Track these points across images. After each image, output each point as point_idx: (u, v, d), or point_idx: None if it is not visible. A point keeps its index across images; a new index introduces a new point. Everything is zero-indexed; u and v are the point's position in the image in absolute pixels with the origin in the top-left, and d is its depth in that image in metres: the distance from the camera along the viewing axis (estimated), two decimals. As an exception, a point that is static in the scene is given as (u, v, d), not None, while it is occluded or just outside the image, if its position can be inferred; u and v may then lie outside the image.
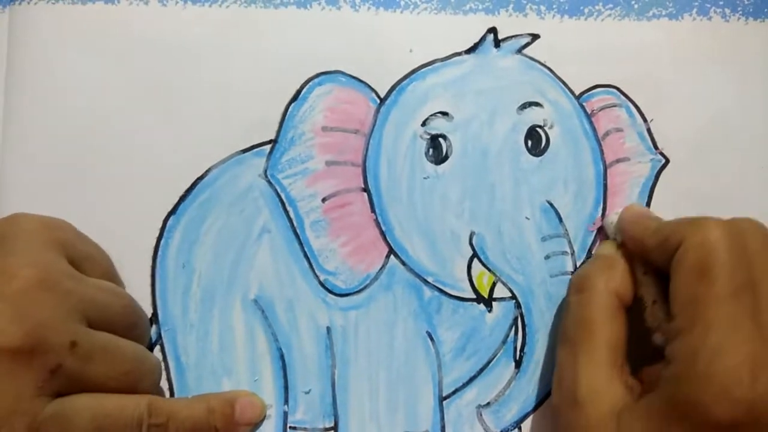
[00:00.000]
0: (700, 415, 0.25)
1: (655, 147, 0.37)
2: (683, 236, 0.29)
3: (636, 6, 0.37)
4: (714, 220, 0.29)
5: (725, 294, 0.27)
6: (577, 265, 0.35)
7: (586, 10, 0.37)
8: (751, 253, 0.27)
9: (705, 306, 0.27)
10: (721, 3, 0.37)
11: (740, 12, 0.37)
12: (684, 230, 0.29)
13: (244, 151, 0.35)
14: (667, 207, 0.36)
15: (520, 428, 0.34)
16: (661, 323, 0.30)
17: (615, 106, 0.36)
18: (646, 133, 0.37)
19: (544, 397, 0.34)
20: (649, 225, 0.32)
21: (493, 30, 0.36)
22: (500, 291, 0.35)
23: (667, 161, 0.36)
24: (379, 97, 0.35)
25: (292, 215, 0.34)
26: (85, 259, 0.31)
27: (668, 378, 0.27)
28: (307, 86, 0.35)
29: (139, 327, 0.32)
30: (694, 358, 0.26)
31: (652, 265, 0.31)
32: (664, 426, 0.26)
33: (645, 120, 0.37)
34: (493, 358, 0.35)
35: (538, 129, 0.35)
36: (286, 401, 0.34)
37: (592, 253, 0.35)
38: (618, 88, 0.36)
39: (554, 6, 0.36)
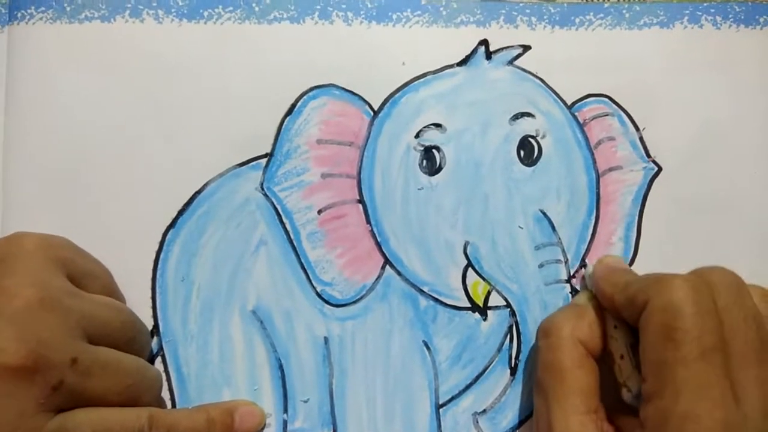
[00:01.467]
0: None
1: (648, 155, 0.37)
2: (648, 297, 0.28)
3: (627, 15, 0.37)
4: (679, 278, 0.28)
5: (692, 357, 0.26)
6: (571, 272, 0.35)
7: (577, 21, 0.37)
8: (721, 309, 0.27)
9: (673, 370, 0.26)
10: (712, 11, 0.37)
11: (731, 19, 0.37)
12: (649, 290, 0.28)
13: (241, 164, 0.35)
14: (660, 215, 0.36)
15: (515, 434, 0.35)
16: (627, 380, 0.30)
17: (607, 115, 0.37)
18: (638, 142, 0.37)
19: (539, 403, 0.35)
20: (617, 281, 0.31)
21: (484, 42, 0.36)
22: (495, 299, 0.35)
23: (660, 169, 0.37)
24: (372, 109, 0.36)
25: (288, 227, 0.35)
26: (85, 275, 0.31)
27: None
28: (302, 100, 0.35)
29: (138, 341, 0.32)
30: (665, 423, 0.26)
31: (623, 320, 0.30)
32: None
33: (637, 128, 0.37)
34: (488, 366, 0.35)
35: (530, 139, 0.36)
36: (286, 410, 0.34)
37: (585, 261, 0.36)
38: (610, 97, 0.37)
39: (545, 17, 0.37)
